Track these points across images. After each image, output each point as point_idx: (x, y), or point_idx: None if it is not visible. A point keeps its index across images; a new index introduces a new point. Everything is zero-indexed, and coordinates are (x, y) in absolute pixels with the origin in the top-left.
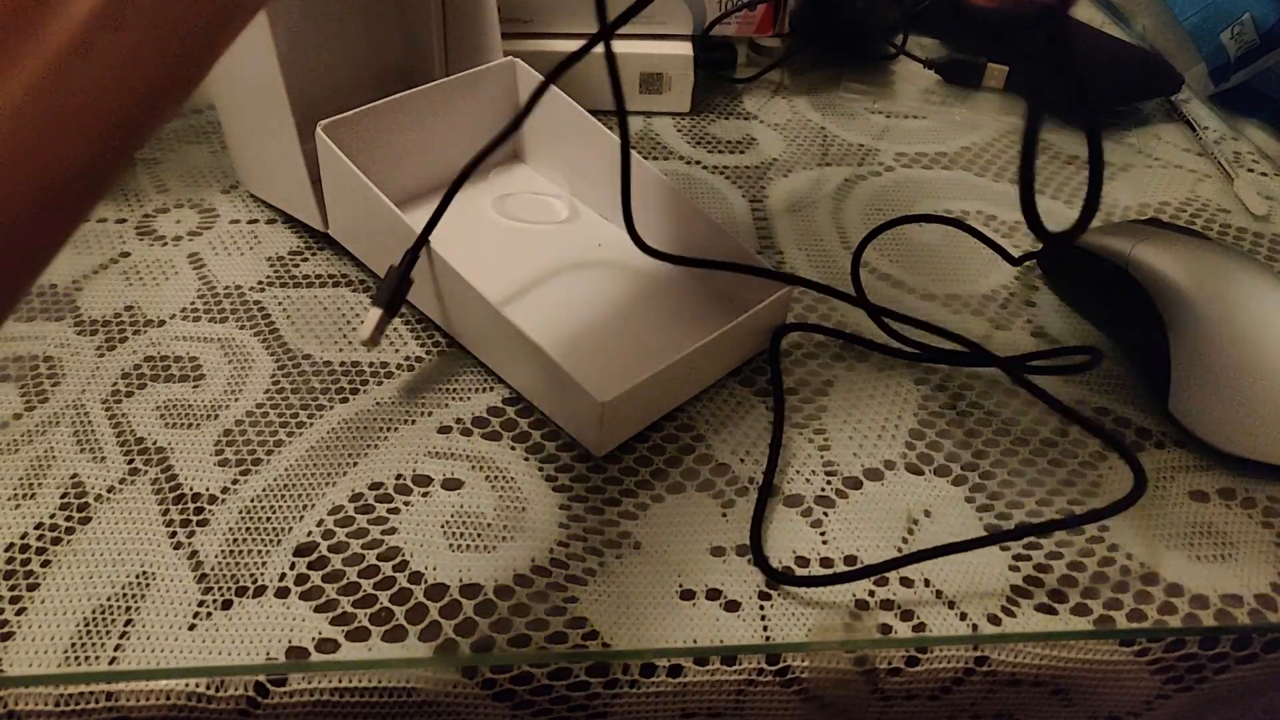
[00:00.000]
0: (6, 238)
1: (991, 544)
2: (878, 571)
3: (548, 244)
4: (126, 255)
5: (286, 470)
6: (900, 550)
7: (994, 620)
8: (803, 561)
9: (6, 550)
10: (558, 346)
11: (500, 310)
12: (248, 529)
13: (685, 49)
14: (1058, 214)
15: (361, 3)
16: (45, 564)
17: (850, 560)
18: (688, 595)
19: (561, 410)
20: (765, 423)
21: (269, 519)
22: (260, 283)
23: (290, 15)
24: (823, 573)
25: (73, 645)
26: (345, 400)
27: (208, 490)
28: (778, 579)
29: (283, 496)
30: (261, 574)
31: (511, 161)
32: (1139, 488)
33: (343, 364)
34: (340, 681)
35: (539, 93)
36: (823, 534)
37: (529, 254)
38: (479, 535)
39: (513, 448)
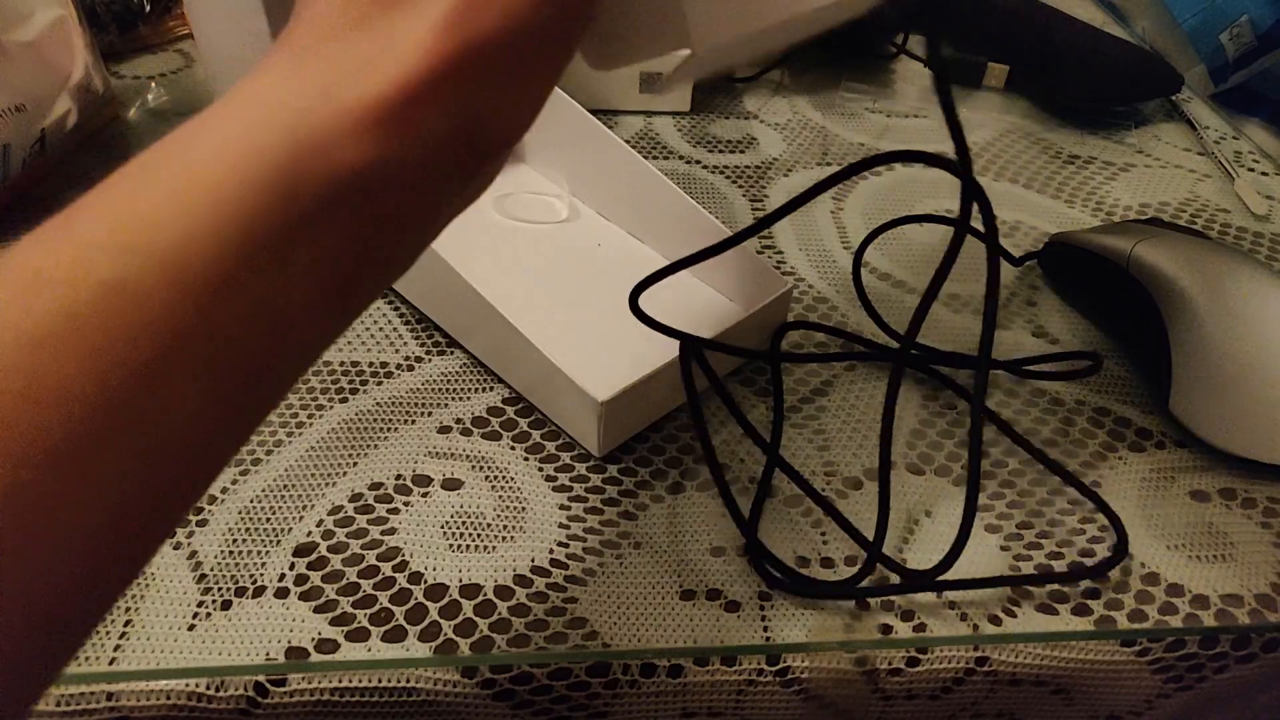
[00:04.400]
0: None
1: (1004, 585)
2: (885, 593)
3: (548, 244)
4: None
5: (286, 470)
6: (901, 550)
7: (995, 620)
8: (803, 561)
9: None
10: (558, 346)
11: (500, 310)
12: (247, 529)
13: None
14: (1058, 214)
15: None
16: None
17: (851, 561)
18: (688, 595)
19: (561, 410)
20: (766, 422)
21: (268, 519)
22: None
23: (290, 13)
24: (824, 573)
25: None
26: (345, 400)
27: (207, 490)
28: (774, 584)
29: (282, 496)
30: (261, 574)
31: (511, 161)
32: (1121, 546)
33: (342, 364)
34: (340, 681)
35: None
36: (823, 534)
37: (529, 254)
38: (479, 535)
39: (513, 448)
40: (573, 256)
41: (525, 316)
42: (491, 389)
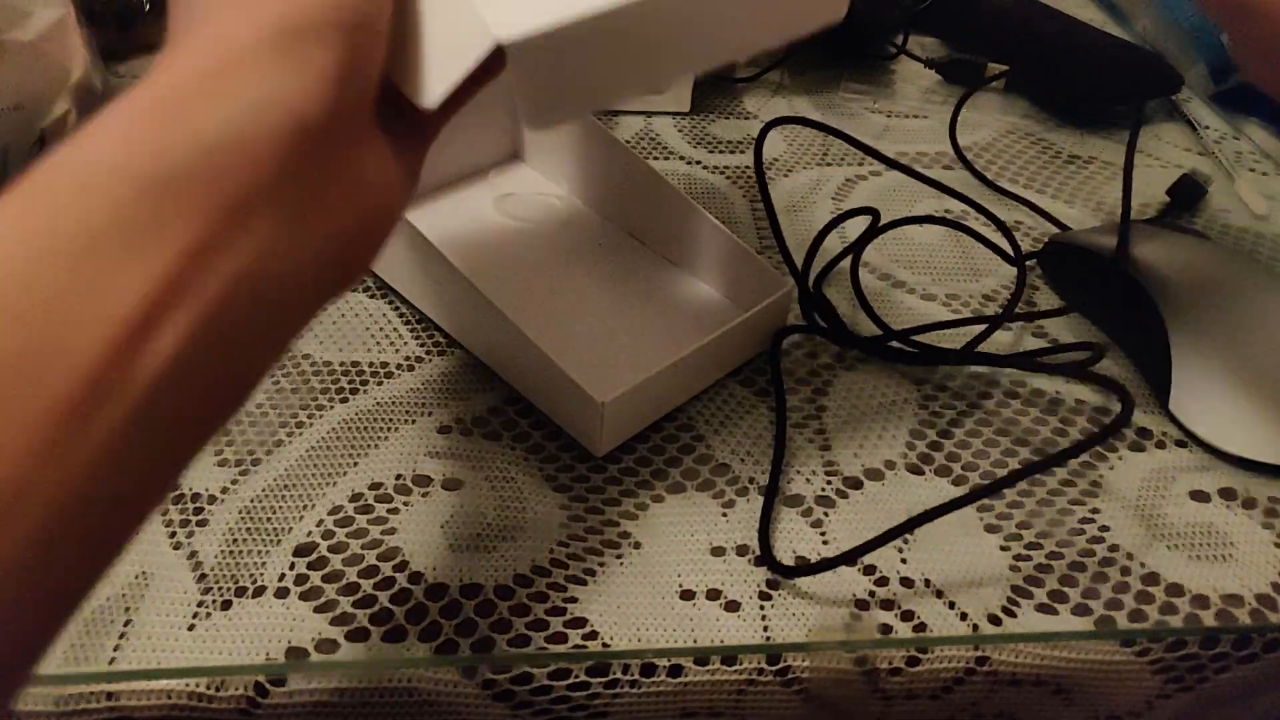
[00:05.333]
0: None
1: (971, 501)
2: (868, 550)
3: (548, 244)
4: None
5: (286, 470)
6: (901, 550)
7: (994, 620)
8: (803, 561)
9: None
10: (558, 346)
11: (500, 310)
12: (247, 529)
13: None
14: (1058, 214)
15: None
16: None
17: (850, 560)
18: (688, 595)
19: (561, 410)
20: (766, 422)
21: (269, 519)
22: None
23: None
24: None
25: (72, 645)
26: (345, 400)
27: (207, 490)
28: (786, 573)
29: (282, 496)
30: (261, 574)
31: (511, 161)
32: (1126, 409)
33: (343, 364)
34: (340, 681)
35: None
36: (823, 534)
37: (529, 254)
38: (479, 535)
39: (513, 448)
40: (573, 256)
41: (525, 316)
42: (491, 389)
